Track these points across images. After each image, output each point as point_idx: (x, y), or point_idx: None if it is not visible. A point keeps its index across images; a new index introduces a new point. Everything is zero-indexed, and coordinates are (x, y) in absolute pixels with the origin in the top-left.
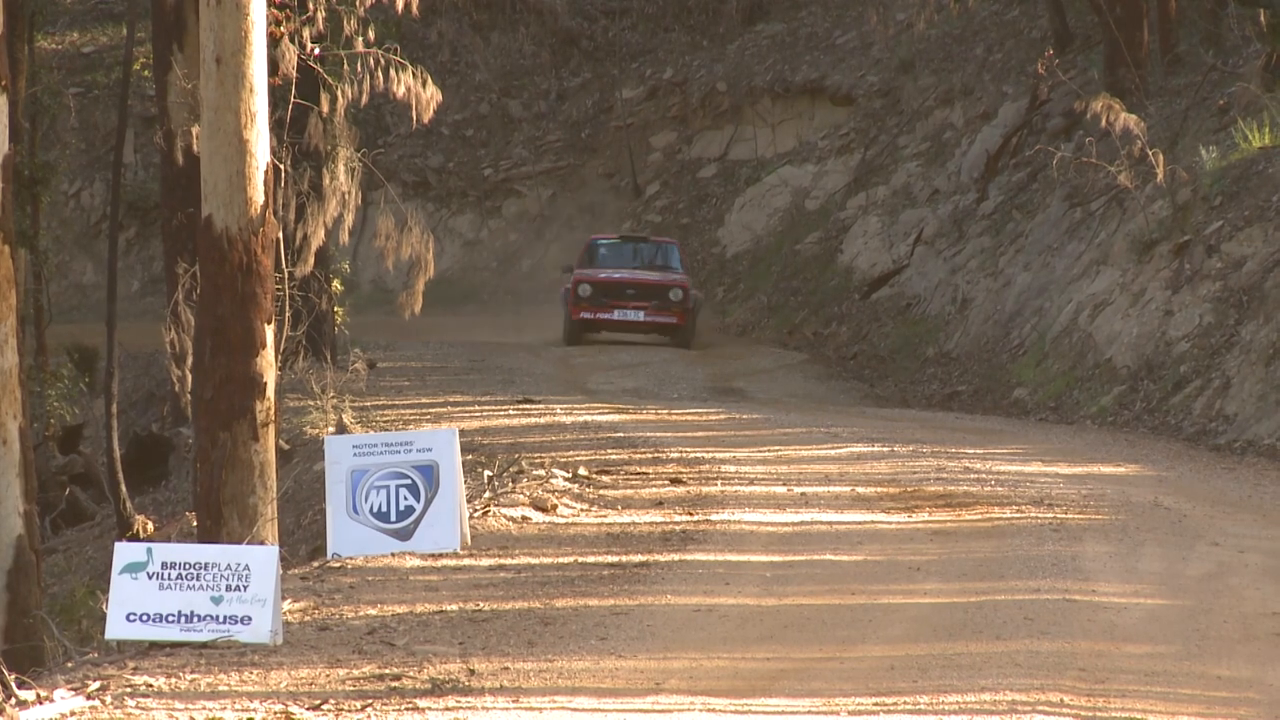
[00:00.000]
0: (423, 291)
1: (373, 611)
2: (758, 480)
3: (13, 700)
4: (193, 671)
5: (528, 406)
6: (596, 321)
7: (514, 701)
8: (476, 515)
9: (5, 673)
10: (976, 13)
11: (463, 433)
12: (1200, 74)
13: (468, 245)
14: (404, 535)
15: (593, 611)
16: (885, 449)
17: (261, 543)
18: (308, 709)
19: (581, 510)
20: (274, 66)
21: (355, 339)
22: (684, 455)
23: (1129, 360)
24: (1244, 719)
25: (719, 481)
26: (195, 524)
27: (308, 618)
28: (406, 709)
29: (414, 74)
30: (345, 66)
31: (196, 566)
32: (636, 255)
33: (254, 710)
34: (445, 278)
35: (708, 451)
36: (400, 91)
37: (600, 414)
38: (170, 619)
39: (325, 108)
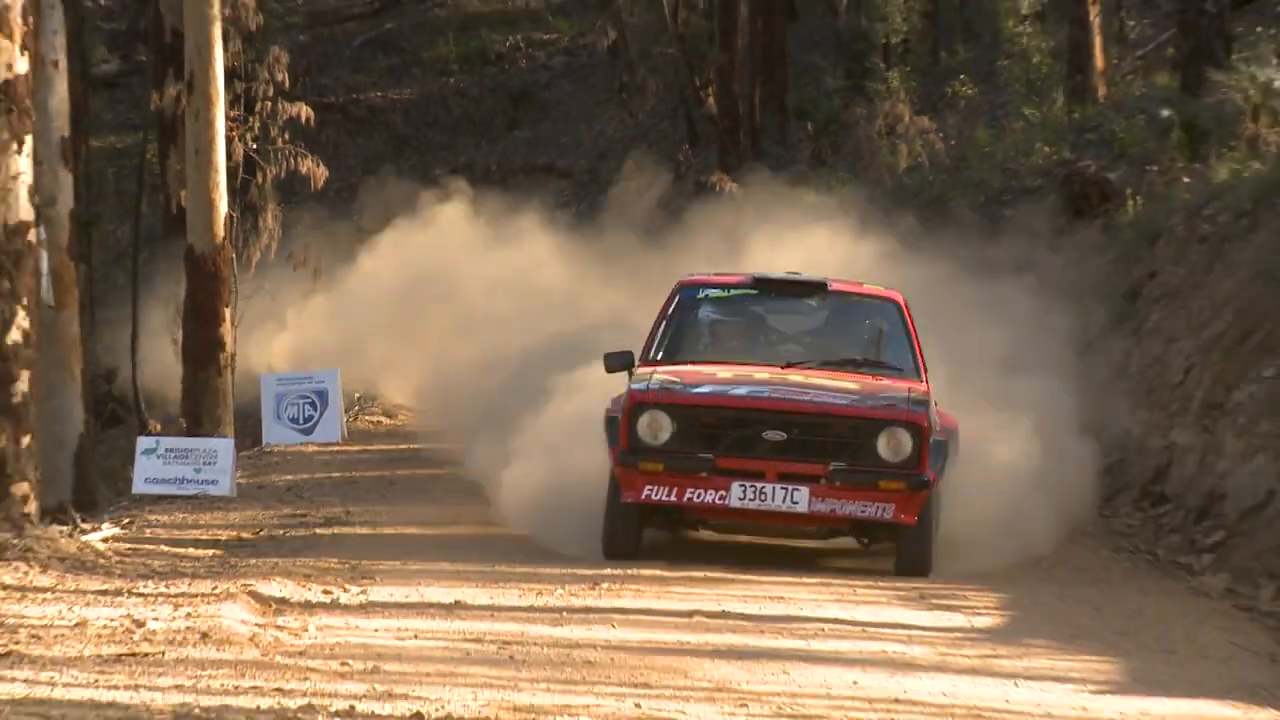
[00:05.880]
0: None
1: (289, 477)
2: None
3: (79, 529)
4: (183, 513)
5: None
6: (685, 508)
7: (373, 529)
8: (351, 420)
9: (74, 513)
10: (644, 123)
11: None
12: (775, 159)
13: None
14: (308, 431)
15: (419, 477)
16: None
17: (223, 437)
18: (250, 534)
19: (415, 416)
20: (230, 155)
21: None
22: None
23: None
24: None
25: None
26: (185, 426)
27: (251, 481)
28: (310, 533)
29: (311, 160)
30: (271, 155)
31: (186, 451)
32: (796, 328)
33: (219, 534)
34: None
35: None
36: (303, 170)
37: None
38: (170, 482)
39: (259, 179)
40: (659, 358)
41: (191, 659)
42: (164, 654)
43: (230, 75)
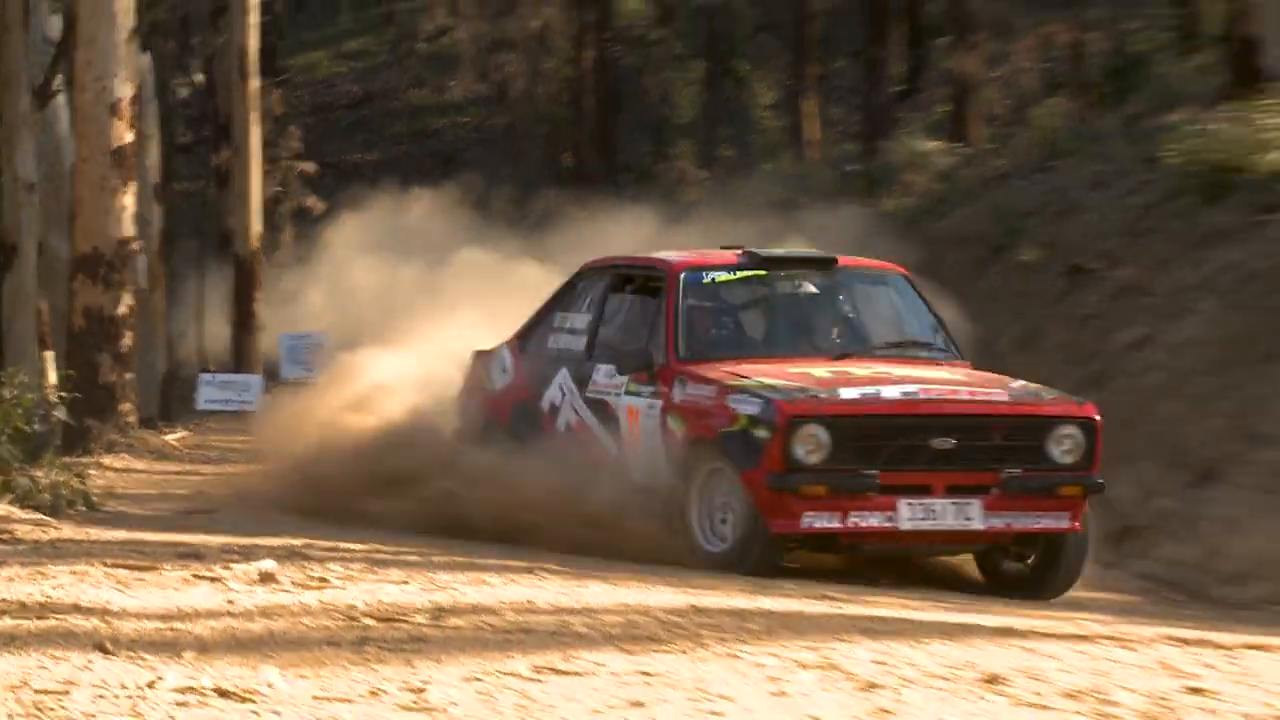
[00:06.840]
0: None
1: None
2: None
3: (162, 433)
4: (229, 422)
5: None
6: (846, 535)
7: None
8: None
9: (159, 422)
10: (528, 176)
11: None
12: (611, 198)
13: None
14: (309, 369)
15: None
16: None
17: (254, 373)
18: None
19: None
20: (262, 194)
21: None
22: None
23: None
24: None
25: None
26: (231, 367)
27: (271, 401)
28: None
29: (314, 198)
30: (288, 194)
31: (231, 382)
32: (820, 312)
33: (248, 437)
34: None
35: None
36: (309, 204)
37: None
38: (220, 402)
39: (281, 210)
40: (685, 355)
41: (234, 514)
42: (216, 511)
43: (264, 144)
